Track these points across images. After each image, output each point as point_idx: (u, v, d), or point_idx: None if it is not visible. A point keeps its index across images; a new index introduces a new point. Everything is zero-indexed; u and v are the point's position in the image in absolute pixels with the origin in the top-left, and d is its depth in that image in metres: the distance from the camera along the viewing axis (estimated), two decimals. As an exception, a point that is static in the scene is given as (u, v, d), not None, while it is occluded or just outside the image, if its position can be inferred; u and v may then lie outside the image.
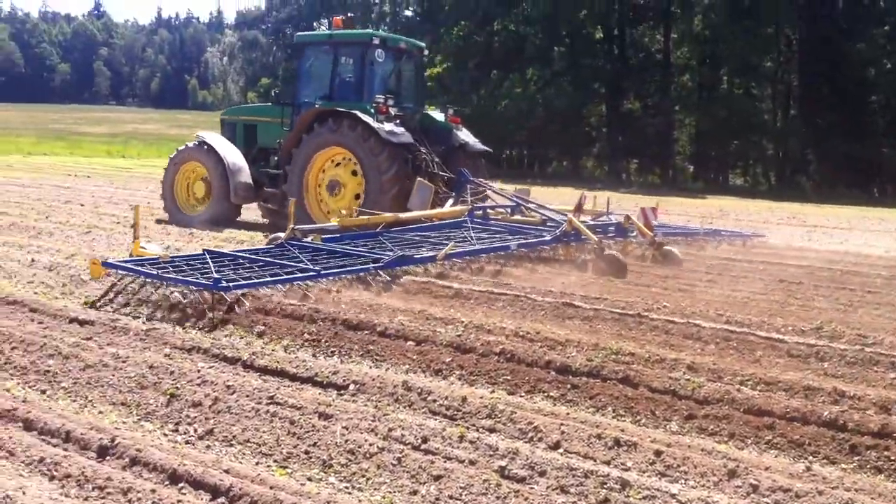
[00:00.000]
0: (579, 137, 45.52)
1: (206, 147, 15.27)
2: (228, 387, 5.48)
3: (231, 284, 7.76)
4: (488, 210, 13.59)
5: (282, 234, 10.67)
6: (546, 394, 5.78)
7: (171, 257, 8.98)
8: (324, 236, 11.00)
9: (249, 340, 6.87)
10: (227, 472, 4.22)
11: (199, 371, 5.78)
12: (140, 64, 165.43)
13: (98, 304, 7.87)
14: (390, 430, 4.86)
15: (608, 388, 5.75)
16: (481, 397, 5.52)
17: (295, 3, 60.33)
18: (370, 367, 6.25)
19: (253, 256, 9.47)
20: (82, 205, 17.50)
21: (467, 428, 5.01)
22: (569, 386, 5.84)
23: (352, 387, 5.68)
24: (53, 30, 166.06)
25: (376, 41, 14.76)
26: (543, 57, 44.45)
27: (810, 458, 4.84)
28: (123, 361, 5.89)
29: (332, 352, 6.63)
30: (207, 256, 9.03)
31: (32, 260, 9.99)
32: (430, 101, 46.84)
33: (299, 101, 15.17)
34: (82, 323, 7.04)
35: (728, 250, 13.48)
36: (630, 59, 45.74)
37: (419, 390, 5.56)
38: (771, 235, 16.28)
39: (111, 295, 8.07)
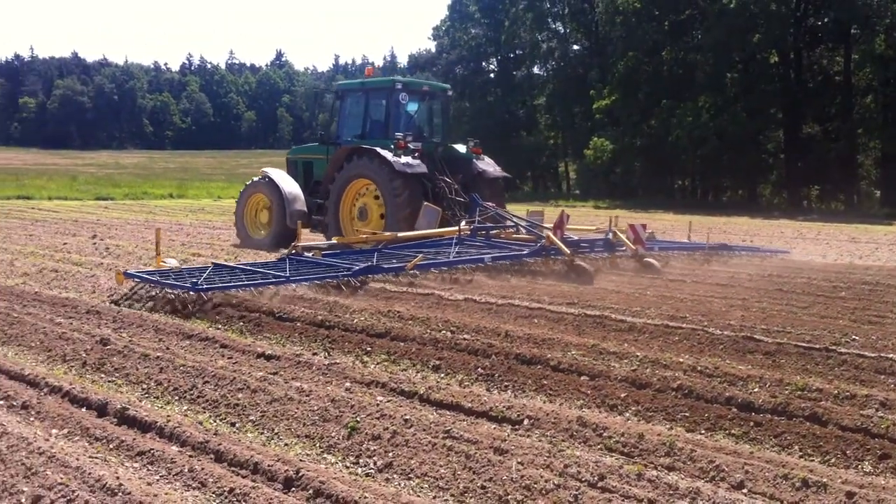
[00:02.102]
0: (755, 165, 44.07)
1: (268, 181, 17.77)
2: (406, 420, 5.58)
3: (205, 287, 9.83)
4: (493, 229, 15.20)
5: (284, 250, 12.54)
6: (727, 431, 5.59)
7: (181, 269, 11.05)
8: (324, 252, 13.08)
9: (425, 374, 7.00)
10: (406, 505, 4.29)
11: (378, 405, 5.91)
12: (320, 108, 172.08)
13: (120, 302, 10.11)
14: (566, 466, 4.82)
15: (794, 426, 5.52)
16: (659, 434, 5.39)
17: (465, 46, 61.41)
18: (544, 402, 6.23)
19: (248, 268, 11.54)
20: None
21: (645, 466, 4.91)
22: (752, 423, 5.63)
23: (526, 421, 5.67)
24: (239, 80, 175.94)
25: (399, 86, 17.10)
26: (715, 84, 43.45)
27: None
28: (307, 395, 6.11)
29: (505, 386, 6.66)
30: (210, 267, 11.25)
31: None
32: (599, 133, 46.85)
33: (340, 140, 17.45)
34: (269, 358, 7.36)
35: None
36: (807, 82, 44.01)
37: (594, 426, 5.49)
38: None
39: (130, 295, 10.34)
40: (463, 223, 15.01)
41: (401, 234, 14.47)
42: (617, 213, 28.93)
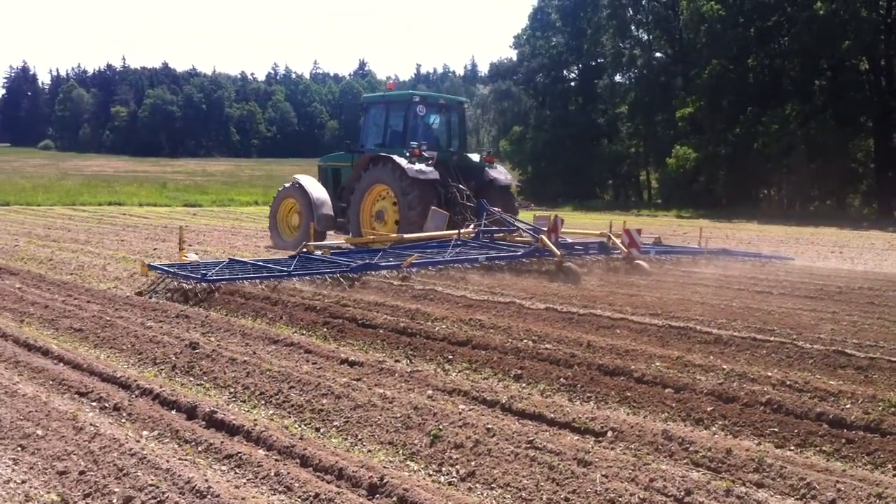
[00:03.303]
0: (844, 174, 42.87)
1: (298, 186, 19.08)
2: (488, 429, 5.57)
3: (214, 279, 11.08)
4: (498, 232, 16.21)
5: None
6: (818, 448, 5.45)
7: (199, 262, 12.49)
8: (333, 251, 14.38)
9: (507, 384, 6.99)
10: (489, 514, 4.29)
11: (460, 413, 5.92)
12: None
13: (144, 292, 11.30)
14: (651, 480, 4.75)
15: (889, 444, 5.34)
16: (747, 450, 5.27)
17: (546, 54, 61.26)
18: (628, 414, 6.16)
19: (260, 263, 12.73)
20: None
21: (734, 482, 4.81)
22: (843, 440, 5.47)
23: (610, 434, 5.61)
24: (323, 89, 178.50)
25: (417, 99, 18.52)
26: (802, 91, 42.46)
27: None
28: (390, 402, 6.15)
29: (588, 397, 6.60)
30: (225, 262, 12.52)
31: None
32: (682, 142, 46.10)
33: (364, 149, 18.65)
34: (352, 364, 7.43)
35: None
36: (899, 89, 42.69)
37: (680, 440, 5.40)
38: None
39: (154, 286, 11.57)
40: (466, 227, 16.28)
41: (406, 236, 15.62)
42: (701, 224, 28.50)
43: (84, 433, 5.42)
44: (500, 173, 18.59)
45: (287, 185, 19.87)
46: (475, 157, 18.79)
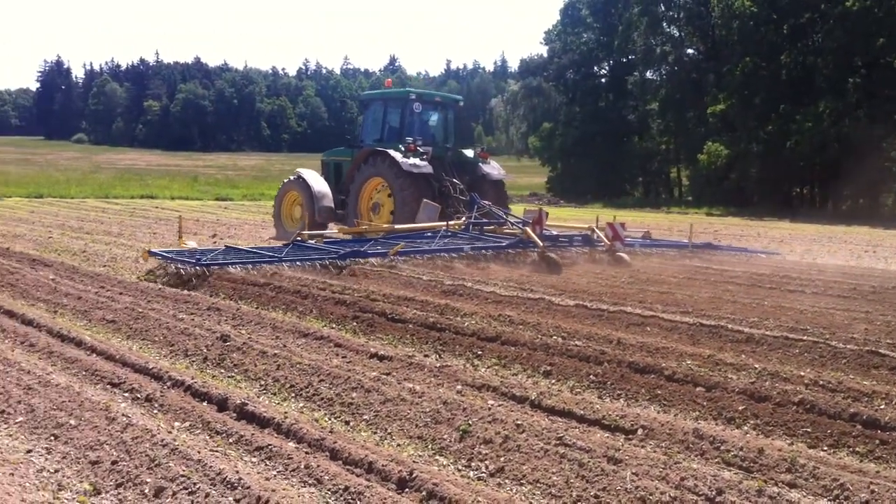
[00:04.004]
0: (879, 173, 42.27)
1: (300, 180, 19.89)
2: (518, 425, 5.56)
3: (207, 263, 11.89)
4: (489, 224, 17.17)
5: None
6: (852, 449, 5.39)
7: (196, 249, 13.28)
8: (325, 240, 15.26)
9: (536, 380, 6.97)
10: (519, 510, 4.28)
11: (489, 409, 5.91)
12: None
13: (143, 277, 12.16)
14: (682, 479, 4.71)
15: (924, 446, 5.27)
16: (780, 449, 5.22)
17: (576, 50, 60.98)
18: (658, 412, 6.13)
19: (254, 250, 13.55)
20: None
21: (766, 481, 4.77)
22: (877, 441, 5.41)
23: (640, 431, 5.58)
24: (353, 85, 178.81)
25: (413, 96, 19.32)
26: (836, 88, 41.88)
27: None
28: (419, 397, 6.15)
29: (618, 394, 6.58)
30: (222, 249, 13.51)
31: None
32: (714, 139, 45.74)
33: (363, 144, 19.47)
34: (381, 358, 7.44)
35: None
36: (935, 87, 42.00)
37: (711, 438, 5.36)
38: None
39: (153, 271, 12.43)
40: (458, 219, 17.13)
41: (397, 226, 16.44)
42: (733, 222, 28.28)
43: (116, 424, 5.47)
44: (493, 168, 19.48)
45: (290, 178, 20.70)
46: (469, 153, 19.74)
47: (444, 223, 16.36)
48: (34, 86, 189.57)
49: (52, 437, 5.34)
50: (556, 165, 61.84)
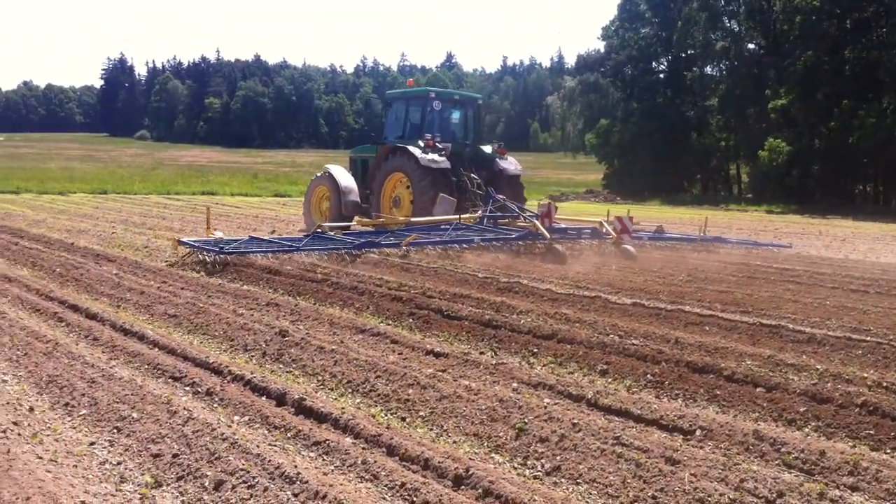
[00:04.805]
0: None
1: (329, 175, 20.64)
2: (574, 424, 5.53)
3: (229, 251, 12.92)
4: (503, 218, 17.77)
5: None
6: (917, 453, 5.27)
7: (223, 239, 14.11)
8: (343, 231, 16.14)
9: (593, 379, 6.93)
10: (575, 509, 4.26)
11: (545, 407, 5.89)
12: (487, 109, 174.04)
13: (174, 265, 13.01)
14: (742, 480, 4.65)
15: None
16: (842, 452, 5.13)
17: (634, 45, 60.38)
18: (717, 413, 6.05)
19: (275, 239, 14.78)
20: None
21: (827, 485, 4.69)
22: (943, 446, 5.28)
23: (699, 432, 5.52)
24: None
25: (433, 95, 19.90)
26: (901, 84, 40.94)
27: None
28: (475, 394, 6.16)
29: (676, 394, 6.51)
30: (245, 239, 14.47)
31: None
32: (775, 135, 44.94)
33: (387, 141, 20.03)
34: (437, 355, 7.46)
35: None
36: None
37: (772, 440, 5.28)
38: None
39: (183, 259, 13.35)
40: (473, 212, 17.82)
41: (413, 219, 17.05)
42: (794, 220, 27.76)
43: (178, 417, 5.57)
44: (510, 164, 19.94)
45: (319, 174, 21.55)
46: (488, 150, 20.23)
47: (458, 216, 17.03)
48: (98, 83, 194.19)
49: (115, 430, 5.45)
50: (612, 162, 61.31)
